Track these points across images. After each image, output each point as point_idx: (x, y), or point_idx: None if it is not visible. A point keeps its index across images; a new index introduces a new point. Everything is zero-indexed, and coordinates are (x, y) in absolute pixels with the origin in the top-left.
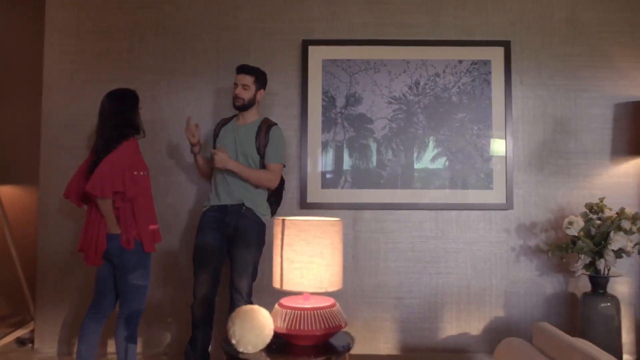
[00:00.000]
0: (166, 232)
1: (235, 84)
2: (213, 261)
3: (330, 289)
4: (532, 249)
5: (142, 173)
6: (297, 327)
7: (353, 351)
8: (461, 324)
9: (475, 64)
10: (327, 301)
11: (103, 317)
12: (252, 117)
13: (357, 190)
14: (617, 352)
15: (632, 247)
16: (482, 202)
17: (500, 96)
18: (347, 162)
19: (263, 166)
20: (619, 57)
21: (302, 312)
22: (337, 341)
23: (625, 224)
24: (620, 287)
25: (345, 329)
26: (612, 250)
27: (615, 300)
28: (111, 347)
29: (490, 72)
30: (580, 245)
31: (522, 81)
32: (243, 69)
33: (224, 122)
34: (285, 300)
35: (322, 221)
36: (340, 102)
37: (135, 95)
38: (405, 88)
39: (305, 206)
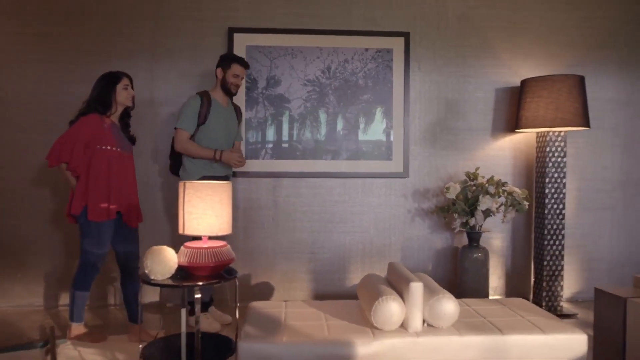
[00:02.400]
0: None
1: (237, 75)
2: None
3: (220, 233)
4: (425, 211)
5: (108, 147)
6: (195, 261)
7: (274, 298)
8: (365, 274)
9: (380, 51)
10: (220, 243)
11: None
12: (228, 100)
13: (276, 161)
14: (484, 292)
15: (497, 208)
16: (383, 171)
17: (400, 80)
18: (267, 137)
19: None
20: (501, 49)
21: (199, 250)
22: (227, 272)
23: (491, 189)
24: (495, 242)
25: (266, 282)
26: (481, 210)
27: (485, 251)
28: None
29: (392, 59)
30: (455, 207)
31: (419, 67)
32: (246, 64)
33: (208, 100)
34: (188, 243)
35: (212, 183)
36: (262, 83)
37: (111, 75)
38: (319, 72)
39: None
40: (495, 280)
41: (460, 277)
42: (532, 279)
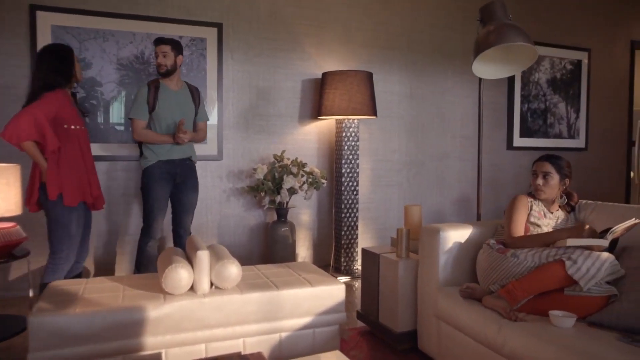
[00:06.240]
0: None
1: (156, 54)
2: (166, 208)
3: (7, 215)
4: (239, 190)
5: (77, 127)
6: None
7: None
8: None
9: (194, 40)
10: (9, 224)
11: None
12: (180, 82)
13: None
14: (292, 260)
15: (300, 186)
16: (199, 154)
17: (214, 69)
18: None
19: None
20: (307, 45)
21: None
22: (17, 251)
23: (294, 169)
24: (304, 217)
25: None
26: (286, 189)
27: (291, 225)
28: None
29: (206, 48)
30: (263, 186)
31: (232, 57)
32: (161, 40)
33: (155, 87)
34: None
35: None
36: None
37: (66, 48)
38: (132, 57)
39: None
40: (304, 251)
41: (270, 249)
42: (333, 248)
